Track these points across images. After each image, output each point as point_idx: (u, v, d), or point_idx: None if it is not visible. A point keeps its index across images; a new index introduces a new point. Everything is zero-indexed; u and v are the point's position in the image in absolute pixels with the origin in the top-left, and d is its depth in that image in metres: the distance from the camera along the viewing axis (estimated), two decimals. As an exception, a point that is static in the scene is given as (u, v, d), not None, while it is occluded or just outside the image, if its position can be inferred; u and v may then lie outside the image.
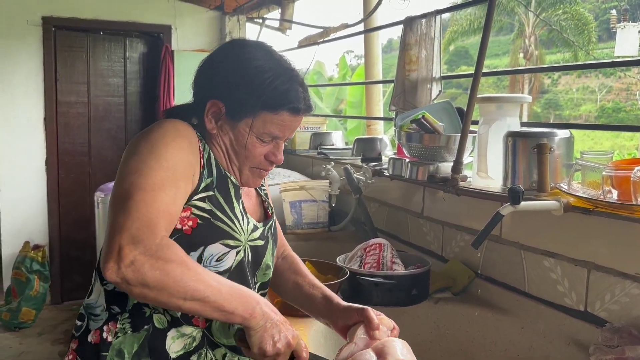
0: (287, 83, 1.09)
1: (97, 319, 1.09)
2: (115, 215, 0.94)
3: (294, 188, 2.48)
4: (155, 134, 1.03)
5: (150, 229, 0.92)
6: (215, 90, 1.10)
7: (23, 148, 4.11)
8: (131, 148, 1.04)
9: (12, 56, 4.02)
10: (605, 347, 1.22)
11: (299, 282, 1.29)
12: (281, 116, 1.08)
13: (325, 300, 1.22)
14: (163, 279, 0.89)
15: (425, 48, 2.13)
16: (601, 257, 1.38)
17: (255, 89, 1.07)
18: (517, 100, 1.75)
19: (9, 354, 3.50)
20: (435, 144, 1.87)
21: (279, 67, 1.10)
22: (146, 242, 0.90)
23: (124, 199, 0.95)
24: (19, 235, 4.13)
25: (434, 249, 1.99)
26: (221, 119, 1.10)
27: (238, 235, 1.09)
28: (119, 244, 0.89)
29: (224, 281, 0.97)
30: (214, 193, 1.07)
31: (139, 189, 0.95)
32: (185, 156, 1.03)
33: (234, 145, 1.11)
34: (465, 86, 12.60)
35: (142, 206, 0.93)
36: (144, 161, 0.99)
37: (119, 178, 0.99)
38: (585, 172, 1.39)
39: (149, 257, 0.89)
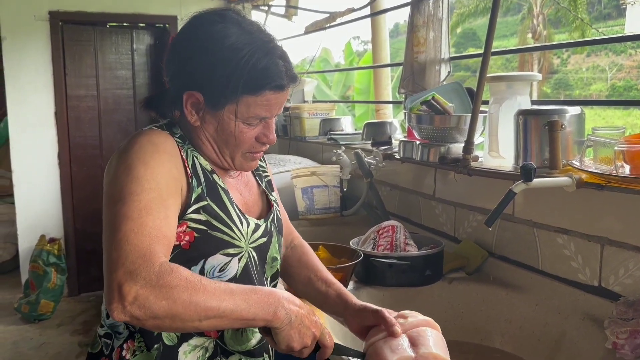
0: (265, 58, 1.00)
1: (120, 336, 1.07)
2: (108, 251, 0.88)
3: (305, 174, 2.49)
4: (131, 154, 0.97)
5: (145, 259, 0.86)
6: (188, 80, 1.02)
7: (35, 143, 4.15)
8: (109, 171, 0.98)
9: (21, 52, 4.05)
10: (620, 320, 1.23)
11: (311, 279, 1.24)
12: (265, 96, 1.01)
13: (339, 300, 1.18)
14: (172, 307, 0.84)
15: (433, 29, 2.12)
16: (614, 232, 1.38)
17: (231, 73, 0.99)
18: (527, 78, 1.74)
19: (30, 345, 3.57)
20: (446, 125, 1.86)
21: (253, 41, 1.01)
22: (144, 273, 0.84)
23: (112, 232, 0.89)
24: (34, 229, 4.19)
25: (447, 230, 2.00)
26: (202, 109, 1.03)
27: (238, 242, 1.06)
28: (118, 282, 0.83)
29: (238, 289, 0.90)
30: (207, 202, 1.03)
31: (125, 219, 0.89)
32: (167, 172, 0.97)
33: (221, 134, 1.05)
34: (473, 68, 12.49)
35: (132, 236, 0.88)
36: (124, 186, 0.93)
37: (104, 208, 0.94)
38: (597, 147, 1.39)
39: (151, 288, 0.83)
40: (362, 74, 7.62)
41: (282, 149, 3.49)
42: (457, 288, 1.69)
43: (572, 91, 17.99)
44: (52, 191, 4.24)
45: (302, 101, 3.74)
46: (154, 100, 1.13)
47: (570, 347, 1.39)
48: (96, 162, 4.37)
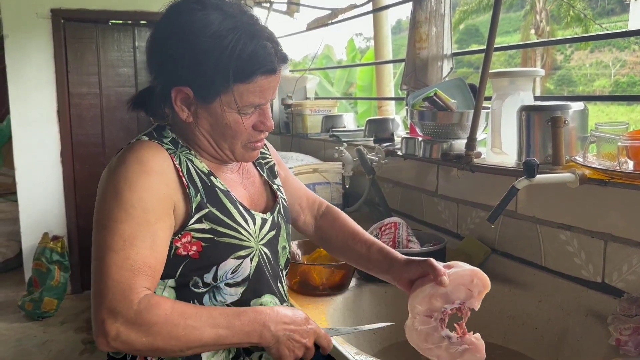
0: (252, 42, 0.96)
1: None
2: (93, 280, 0.90)
3: (307, 171, 2.49)
4: (117, 175, 0.95)
5: (124, 296, 0.87)
6: (174, 75, 0.98)
7: (38, 141, 4.16)
8: (99, 190, 0.97)
9: (23, 50, 4.05)
10: (623, 316, 1.22)
11: (349, 244, 1.24)
12: (257, 82, 0.97)
13: (383, 258, 1.18)
14: (153, 343, 0.88)
15: (435, 25, 2.12)
16: (618, 228, 1.37)
17: (218, 62, 0.94)
18: (529, 74, 1.74)
19: (34, 342, 3.58)
20: (449, 122, 1.86)
21: (237, 25, 0.96)
22: (123, 312, 0.86)
23: (96, 261, 0.91)
24: (37, 227, 4.20)
25: (449, 226, 2.00)
26: (193, 104, 0.99)
27: (247, 242, 1.04)
28: (101, 318, 0.87)
29: (221, 317, 0.93)
30: (208, 209, 1.00)
31: (108, 250, 0.90)
32: (156, 193, 0.95)
33: (216, 128, 1.01)
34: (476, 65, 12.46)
35: (114, 270, 0.88)
36: (110, 212, 0.92)
37: (93, 231, 0.94)
38: (600, 143, 1.38)
39: (131, 326, 0.87)
40: (364, 70, 7.61)
41: (284, 146, 3.48)
42: (459, 285, 1.69)
43: (575, 87, 17.93)
44: (55, 189, 4.25)
45: (304, 98, 3.74)
46: (142, 100, 1.09)
47: (573, 343, 1.39)
48: (99, 159, 4.38)
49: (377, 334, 1.56)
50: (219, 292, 1.03)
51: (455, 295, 1.06)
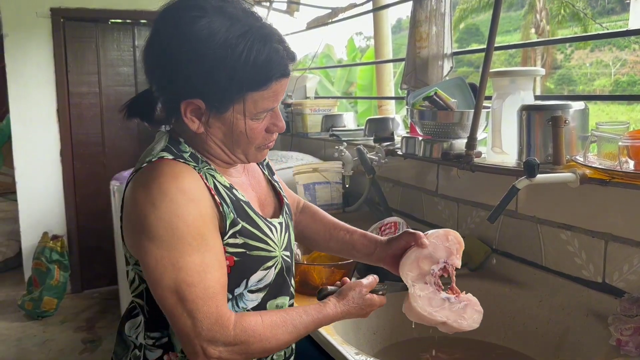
0: (266, 48, 0.92)
1: (154, 347, 1.06)
2: (178, 318, 0.93)
3: (307, 170, 2.48)
4: (163, 208, 0.91)
5: (219, 324, 0.93)
6: (183, 88, 0.94)
7: (38, 140, 4.15)
8: (140, 225, 0.93)
9: (23, 49, 4.05)
10: (624, 316, 1.22)
11: (332, 233, 1.28)
12: (271, 88, 0.95)
13: (367, 240, 1.24)
14: (248, 358, 0.99)
15: (435, 24, 2.11)
16: (618, 228, 1.37)
17: (232, 73, 0.91)
18: (530, 73, 1.73)
19: (34, 342, 3.58)
20: (449, 121, 1.85)
21: (246, 30, 0.92)
22: (223, 339, 0.93)
23: (177, 300, 0.92)
24: (37, 226, 4.20)
25: (450, 226, 1.99)
26: (204, 114, 0.96)
27: (274, 252, 1.06)
28: (201, 346, 0.93)
29: (301, 326, 1.02)
30: (241, 224, 1.00)
31: (187, 286, 0.92)
32: (206, 217, 0.95)
33: (230, 136, 0.99)
34: (477, 64, 12.45)
35: (201, 304, 0.93)
36: (172, 249, 0.92)
37: (152, 273, 0.93)
38: (601, 143, 1.38)
39: (232, 347, 0.94)
40: (364, 70, 7.59)
41: (284, 145, 3.48)
42: (460, 284, 1.67)
43: (575, 86, 17.92)
44: (54, 188, 4.25)
45: (304, 97, 3.73)
46: (137, 107, 1.05)
47: (574, 343, 1.39)
48: (99, 159, 4.38)
49: (376, 334, 1.56)
50: (241, 299, 1.04)
51: (438, 254, 1.15)
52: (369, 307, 1.09)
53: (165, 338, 1.04)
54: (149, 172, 0.96)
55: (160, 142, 1.02)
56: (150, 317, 1.04)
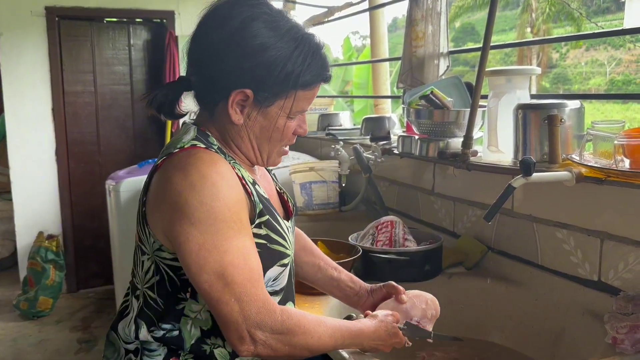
0: (319, 52, 1.01)
1: (153, 354, 1.04)
2: (225, 304, 0.93)
3: (304, 169, 2.48)
4: (205, 192, 0.92)
5: (266, 309, 0.94)
6: (240, 80, 0.98)
7: (33, 139, 4.14)
8: (181, 212, 0.93)
9: (18, 48, 4.03)
10: (619, 314, 1.22)
11: (321, 266, 1.30)
12: (314, 90, 1.04)
13: (352, 282, 1.29)
14: (291, 351, 0.97)
15: (431, 23, 2.11)
16: (614, 227, 1.37)
17: (292, 69, 0.98)
18: (526, 72, 1.74)
19: (29, 342, 3.57)
20: (445, 120, 1.86)
21: (304, 34, 1.00)
22: (271, 323, 0.94)
23: (224, 284, 0.92)
24: (32, 226, 4.18)
25: (446, 225, 1.99)
26: (248, 106, 1.01)
27: (289, 251, 1.08)
28: (248, 331, 0.93)
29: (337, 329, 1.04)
30: (267, 216, 1.03)
31: (234, 268, 0.93)
32: (242, 203, 0.98)
33: (266, 131, 1.03)
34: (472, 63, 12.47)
35: (249, 287, 0.93)
36: (216, 233, 0.92)
37: (195, 259, 0.92)
38: (597, 141, 1.38)
39: (278, 335, 0.95)
40: (360, 69, 7.60)
41: (281, 144, 3.47)
42: (456, 283, 1.69)
43: (571, 85, 17.97)
44: (50, 188, 4.23)
45: (301, 96, 3.72)
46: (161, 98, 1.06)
47: (569, 342, 1.39)
48: (94, 158, 4.36)
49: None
50: None
51: (413, 312, 1.23)
52: (395, 337, 1.12)
53: (176, 331, 1.03)
54: (185, 157, 0.97)
55: (189, 133, 1.04)
56: (164, 309, 1.03)
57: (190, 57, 1.04)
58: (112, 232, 3.19)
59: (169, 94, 1.06)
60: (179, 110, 1.08)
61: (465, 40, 19.91)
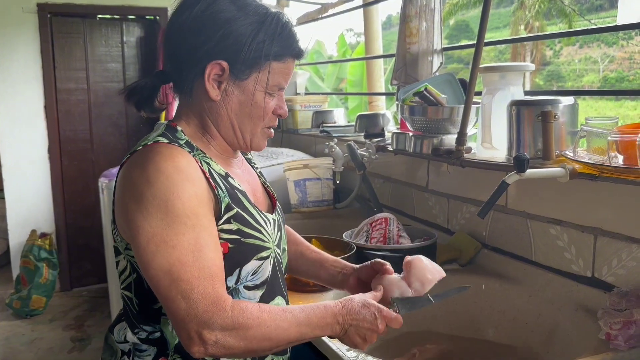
0: (288, 27, 1.03)
1: (143, 354, 1.03)
2: (172, 301, 0.89)
3: (298, 167, 2.47)
4: (159, 186, 0.91)
5: (215, 306, 0.89)
6: (213, 50, 0.98)
7: (25, 137, 4.11)
8: (134, 204, 0.92)
9: (9, 45, 4.00)
10: (613, 310, 1.22)
11: (303, 252, 1.28)
12: (287, 63, 1.04)
13: (336, 263, 1.25)
14: (248, 346, 0.92)
15: (425, 20, 2.11)
16: (608, 223, 1.38)
17: (262, 39, 0.99)
18: (520, 68, 1.73)
19: (22, 341, 3.55)
20: (439, 117, 1.85)
21: (266, 12, 1.02)
22: (220, 321, 0.89)
23: (170, 281, 0.89)
24: (25, 224, 4.16)
25: (440, 222, 1.99)
26: (224, 81, 1.00)
27: (268, 244, 1.05)
28: (196, 331, 0.88)
29: (302, 316, 0.97)
30: (236, 210, 1.00)
31: (181, 265, 0.89)
32: (201, 197, 0.94)
33: (245, 107, 1.02)
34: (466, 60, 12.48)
35: (196, 284, 0.89)
36: (167, 228, 0.90)
37: (145, 250, 0.90)
38: (591, 138, 1.38)
39: (229, 331, 0.90)
40: (355, 66, 7.58)
41: (275, 141, 3.47)
42: (450, 280, 1.67)
43: (564, 82, 18.04)
44: (42, 186, 4.21)
45: (295, 93, 3.72)
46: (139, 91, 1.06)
47: (563, 338, 1.39)
48: (87, 156, 4.34)
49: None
50: (237, 295, 1.02)
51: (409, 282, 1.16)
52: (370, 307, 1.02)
53: (158, 332, 1.02)
54: (145, 153, 0.96)
55: (158, 130, 1.04)
56: (140, 310, 1.03)
57: (164, 49, 1.06)
58: (106, 230, 3.17)
59: (146, 88, 1.06)
60: (158, 105, 1.08)
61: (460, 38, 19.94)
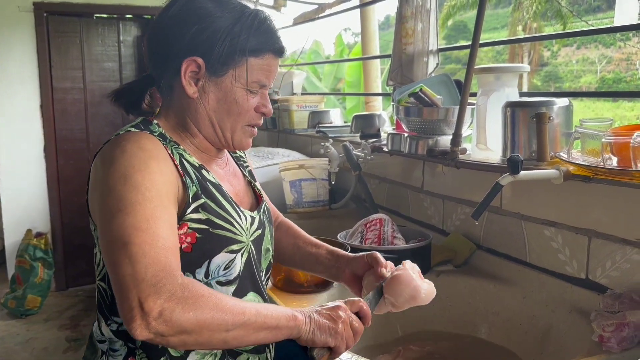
0: (265, 23, 1.02)
1: (116, 354, 1.02)
2: (120, 266, 0.82)
3: (293, 167, 2.47)
4: (122, 162, 0.90)
5: (166, 271, 0.82)
6: (188, 47, 0.99)
7: (21, 136, 4.10)
8: (99, 183, 0.92)
9: (5, 44, 3.98)
10: (606, 313, 1.23)
11: (299, 245, 1.27)
12: (267, 60, 1.03)
13: (331, 255, 1.22)
14: (199, 318, 0.81)
15: (421, 20, 2.11)
16: (601, 224, 1.38)
17: (239, 33, 0.99)
18: (515, 70, 1.73)
19: (17, 340, 3.54)
20: (434, 117, 1.85)
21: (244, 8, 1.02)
22: (168, 286, 0.81)
23: (121, 245, 0.84)
24: (20, 223, 4.14)
25: (435, 223, 1.99)
26: (201, 78, 1.00)
27: (240, 237, 1.03)
28: (139, 298, 0.79)
29: (255, 302, 0.96)
30: (204, 200, 0.98)
31: (134, 230, 0.84)
32: (165, 177, 0.93)
33: (223, 103, 1.02)
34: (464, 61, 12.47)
35: (148, 249, 0.83)
36: (123, 197, 0.87)
37: (103, 222, 0.88)
38: (585, 139, 1.38)
39: (177, 301, 0.80)
40: (352, 66, 7.58)
41: (271, 141, 3.46)
42: (445, 281, 1.69)
43: (562, 83, 18.05)
44: (38, 185, 4.19)
45: (291, 93, 3.72)
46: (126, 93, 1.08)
47: (557, 339, 1.39)
48: (83, 155, 4.32)
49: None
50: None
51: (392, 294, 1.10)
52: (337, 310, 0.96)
53: None
54: (114, 140, 0.97)
55: (132, 123, 1.05)
56: (112, 301, 1.01)
57: (146, 49, 1.07)
58: (101, 229, 3.16)
59: (132, 91, 1.08)
60: (146, 108, 1.09)
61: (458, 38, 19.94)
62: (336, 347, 0.94)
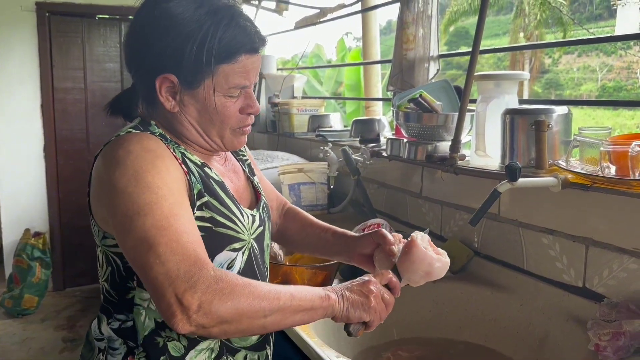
0: (233, 23, 0.97)
1: (115, 352, 1.02)
2: (150, 268, 0.83)
3: (292, 170, 2.47)
4: (129, 164, 0.90)
5: (197, 265, 0.83)
6: (157, 64, 0.97)
7: (21, 136, 4.10)
8: (106, 187, 0.92)
9: (6, 43, 3.99)
10: (603, 321, 1.22)
11: (306, 229, 1.28)
12: (241, 62, 0.98)
13: (339, 236, 1.22)
14: (237, 307, 0.83)
15: (422, 26, 2.11)
16: (599, 233, 1.37)
17: (200, 45, 0.94)
18: (515, 77, 1.74)
19: (13, 340, 3.53)
20: (433, 123, 1.85)
21: (215, 9, 0.97)
22: (202, 279, 0.82)
23: (147, 247, 0.84)
24: (19, 222, 4.14)
25: (433, 228, 1.99)
26: (178, 92, 0.98)
27: (242, 235, 1.03)
28: (176, 295, 0.80)
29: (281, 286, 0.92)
30: (207, 198, 0.99)
31: (156, 230, 0.85)
32: (174, 175, 0.93)
33: (204, 114, 1.00)
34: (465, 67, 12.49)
35: (175, 246, 0.84)
36: (137, 199, 0.87)
37: (121, 228, 0.88)
38: (583, 148, 1.38)
39: (213, 293, 0.81)
40: (351, 70, 7.58)
41: (271, 144, 3.46)
42: (442, 287, 1.68)
43: (562, 91, 18.08)
44: (37, 184, 4.19)
45: (292, 97, 3.72)
46: (120, 103, 1.08)
47: (553, 347, 1.39)
48: (83, 155, 4.33)
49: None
50: None
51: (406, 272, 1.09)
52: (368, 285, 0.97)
53: (130, 322, 1.01)
54: (116, 141, 0.97)
55: (131, 124, 1.05)
56: (116, 300, 1.02)
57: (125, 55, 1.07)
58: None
59: (123, 99, 1.08)
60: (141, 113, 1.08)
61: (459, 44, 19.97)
62: (371, 321, 0.97)
